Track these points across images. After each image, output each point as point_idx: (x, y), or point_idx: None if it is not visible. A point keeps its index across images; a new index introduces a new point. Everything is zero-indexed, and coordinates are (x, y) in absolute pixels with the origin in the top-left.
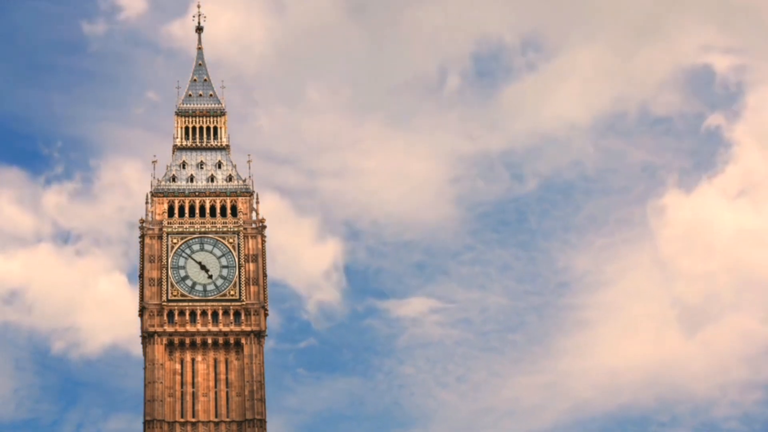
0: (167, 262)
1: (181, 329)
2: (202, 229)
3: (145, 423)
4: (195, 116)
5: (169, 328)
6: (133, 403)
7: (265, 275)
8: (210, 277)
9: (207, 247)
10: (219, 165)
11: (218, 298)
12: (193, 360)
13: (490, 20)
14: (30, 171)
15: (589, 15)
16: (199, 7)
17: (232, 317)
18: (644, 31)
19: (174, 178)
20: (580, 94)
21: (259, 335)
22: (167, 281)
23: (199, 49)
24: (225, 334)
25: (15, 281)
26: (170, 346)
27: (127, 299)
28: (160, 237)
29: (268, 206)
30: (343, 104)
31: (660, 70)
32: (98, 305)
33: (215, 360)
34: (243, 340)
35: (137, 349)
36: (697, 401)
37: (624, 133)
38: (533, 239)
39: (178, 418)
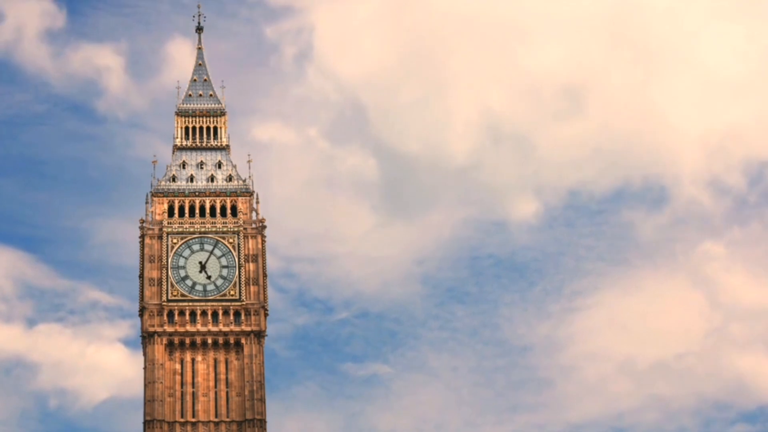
0: (167, 262)
1: (181, 329)
2: (202, 229)
3: (145, 423)
4: (195, 116)
5: (169, 328)
6: None
7: (265, 275)
8: (209, 277)
9: (207, 247)
10: (219, 165)
11: (218, 298)
12: (193, 360)
13: None
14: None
15: None
16: (199, 7)
17: (232, 317)
18: None
19: (174, 178)
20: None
21: (259, 335)
22: (167, 281)
23: (199, 49)
24: (225, 334)
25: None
26: (170, 346)
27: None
28: (160, 237)
29: None
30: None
31: None
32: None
33: (215, 360)
34: (243, 340)
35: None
36: None
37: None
38: (496, 308)
39: (178, 418)
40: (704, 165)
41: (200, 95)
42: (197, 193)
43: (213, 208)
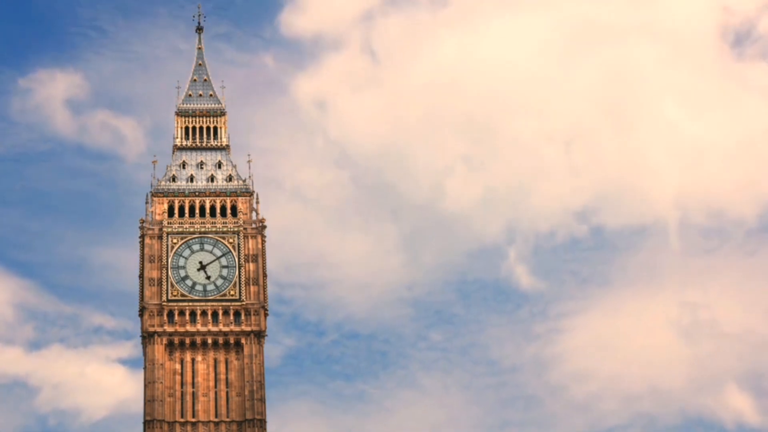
0: (167, 262)
1: (181, 329)
2: (202, 229)
3: (145, 423)
4: (195, 116)
5: (169, 328)
6: None
7: (265, 275)
8: (208, 277)
9: (207, 247)
10: (219, 165)
11: (218, 298)
12: (193, 360)
13: None
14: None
15: None
16: (199, 7)
17: (232, 317)
18: None
19: (174, 178)
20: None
21: (259, 335)
22: (167, 281)
23: (199, 49)
24: (225, 334)
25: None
26: (170, 346)
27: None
28: (160, 237)
29: None
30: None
31: None
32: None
33: (215, 360)
34: (243, 340)
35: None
36: None
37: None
38: (484, 329)
39: (178, 418)
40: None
41: (200, 95)
42: (197, 193)
43: (213, 208)
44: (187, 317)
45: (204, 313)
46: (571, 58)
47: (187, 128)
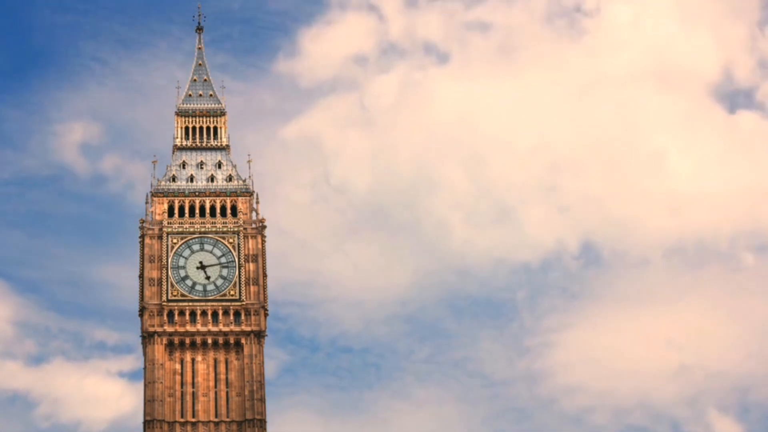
0: (167, 262)
1: (181, 329)
2: (202, 229)
3: (145, 423)
4: (195, 116)
5: (169, 328)
6: None
7: (265, 275)
8: (208, 278)
9: (207, 247)
10: (219, 165)
11: (218, 298)
12: (193, 360)
13: None
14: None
15: None
16: (199, 7)
17: (232, 317)
18: None
19: (174, 178)
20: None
21: (259, 335)
22: (167, 281)
23: (199, 49)
24: (225, 334)
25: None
26: (170, 346)
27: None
28: (160, 237)
29: None
30: None
31: None
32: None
33: (215, 360)
34: (243, 340)
35: None
36: None
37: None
38: (476, 343)
39: (178, 418)
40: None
41: (200, 95)
42: (197, 193)
43: (213, 208)
44: (187, 317)
45: (204, 313)
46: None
47: (187, 128)
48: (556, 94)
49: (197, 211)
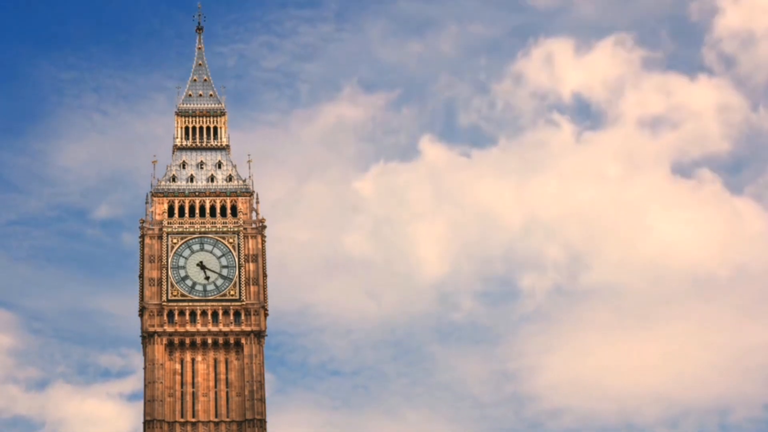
0: (167, 262)
1: (181, 329)
2: (202, 229)
3: (145, 423)
4: (195, 116)
5: (169, 328)
6: None
7: (265, 275)
8: (207, 278)
9: (207, 247)
10: (219, 165)
11: (218, 298)
12: (193, 360)
13: None
14: None
15: None
16: (199, 6)
17: (232, 317)
18: None
19: (174, 178)
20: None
21: (259, 335)
22: (167, 281)
23: (199, 49)
24: (225, 334)
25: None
26: (170, 346)
27: None
28: (160, 237)
29: None
30: None
31: None
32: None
33: (215, 360)
34: (243, 340)
35: None
36: None
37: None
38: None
39: (178, 418)
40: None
41: (200, 95)
42: (197, 193)
43: (213, 208)
44: (187, 317)
45: (204, 313)
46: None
47: (187, 128)
48: None
49: (197, 211)
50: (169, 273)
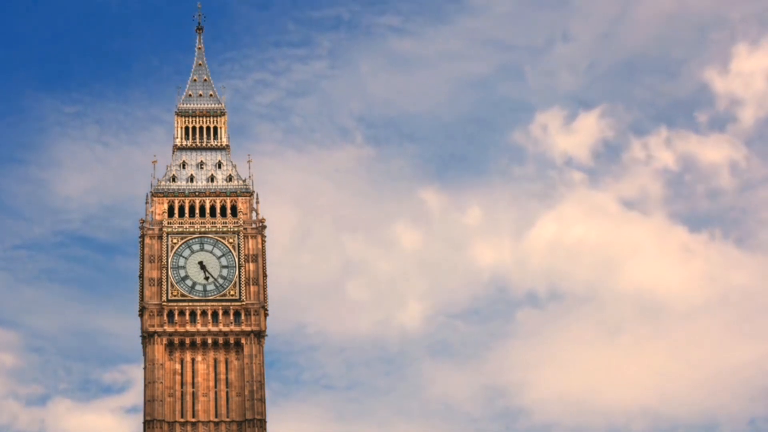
0: (167, 262)
1: (181, 329)
2: (202, 229)
3: (145, 423)
4: (195, 116)
5: (169, 328)
6: None
7: (265, 275)
8: (206, 278)
9: (207, 247)
10: (219, 165)
11: (218, 298)
12: (193, 360)
13: None
14: None
15: None
16: (199, 6)
17: (232, 317)
18: None
19: (174, 178)
20: None
21: (259, 335)
22: (167, 281)
23: (199, 49)
24: (225, 334)
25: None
26: (170, 346)
27: None
28: (160, 237)
29: None
30: None
31: None
32: None
33: (215, 360)
34: (243, 340)
35: None
36: None
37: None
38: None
39: (178, 418)
40: None
41: (200, 95)
42: (197, 193)
43: (213, 208)
44: (187, 317)
45: (204, 313)
46: None
47: (186, 128)
48: None
49: (197, 211)
50: (169, 273)
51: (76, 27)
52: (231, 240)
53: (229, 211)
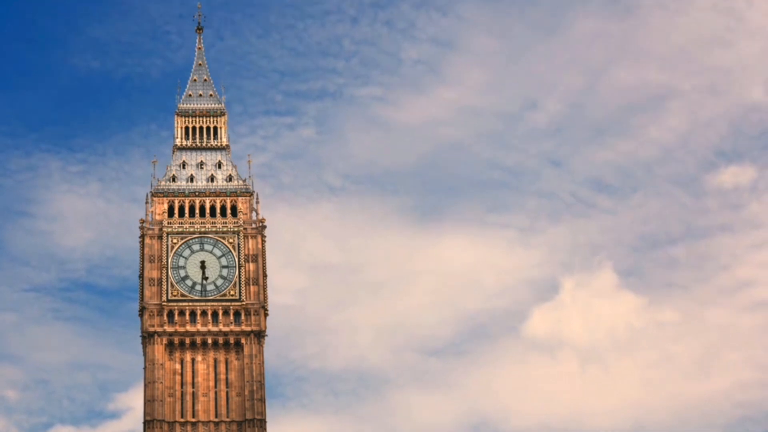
0: (167, 262)
1: (181, 329)
2: (202, 229)
3: (145, 423)
4: (195, 116)
5: (169, 328)
6: None
7: (265, 275)
8: (206, 278)
9: (207, 247)
10: (219, 165)
11: (218, 298)
12: (193, 360)
13: None
14: None
15: None
16: (199, 6)
17: (232, 317)
18: None
19: (174, 178)
20: None
21: (259, 335)
22: (167, 281)
23: (199, 49)
24: (225, 334)
25: None
26: (170, 346)
27: None
28: (160, 237)
29: None
30: None
31: None
32: None
33: (215, 360)
34: (243, 340)
35: None
36: None
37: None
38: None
39: (178, 418)
40: None
41: (200, 95)
42: (197, 193)
43: (213, 208)
44: (187, 317)
45: (204, 313)
46: None
47: (187, 128)
48: None
49: (197, 211)
50: (169, 273)
51: (81, 96)
52: (231, 240)
53: (229, 211)
